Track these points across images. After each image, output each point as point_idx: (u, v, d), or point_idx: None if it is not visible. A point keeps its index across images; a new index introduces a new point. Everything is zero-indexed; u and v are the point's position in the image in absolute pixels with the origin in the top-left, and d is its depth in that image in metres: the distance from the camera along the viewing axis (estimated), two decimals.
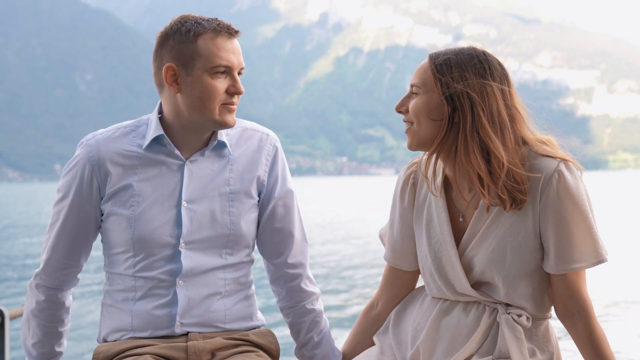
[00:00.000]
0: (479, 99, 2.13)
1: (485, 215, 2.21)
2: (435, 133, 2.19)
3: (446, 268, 2.27)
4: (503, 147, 2.13)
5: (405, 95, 2.27)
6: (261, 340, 2.45)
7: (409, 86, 2.26)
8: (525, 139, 2.19)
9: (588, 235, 2.15)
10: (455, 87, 2.14)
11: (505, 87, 2.17)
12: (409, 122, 2.24)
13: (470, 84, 2.14)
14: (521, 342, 2.17)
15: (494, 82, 2.16)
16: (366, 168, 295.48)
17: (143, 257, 2.36)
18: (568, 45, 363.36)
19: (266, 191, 2.48)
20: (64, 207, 2.40)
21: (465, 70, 2.16)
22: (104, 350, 2.38)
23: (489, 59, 2.19)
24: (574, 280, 2.18)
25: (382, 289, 2.49)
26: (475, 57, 2.18)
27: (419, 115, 2.20)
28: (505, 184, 2.12)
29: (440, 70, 2.18)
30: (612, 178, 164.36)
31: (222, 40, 2.30)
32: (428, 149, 2.24)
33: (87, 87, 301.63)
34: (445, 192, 2.29)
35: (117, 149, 2.38)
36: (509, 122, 2.16)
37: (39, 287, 2.45)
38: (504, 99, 2.16)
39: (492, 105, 2.14)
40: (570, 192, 2.13)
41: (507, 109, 2.16)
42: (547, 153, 2.17)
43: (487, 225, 2.20)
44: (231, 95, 2.32)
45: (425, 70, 2.22)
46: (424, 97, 2.20)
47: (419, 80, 2.22)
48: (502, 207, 2.15)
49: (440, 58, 2.20)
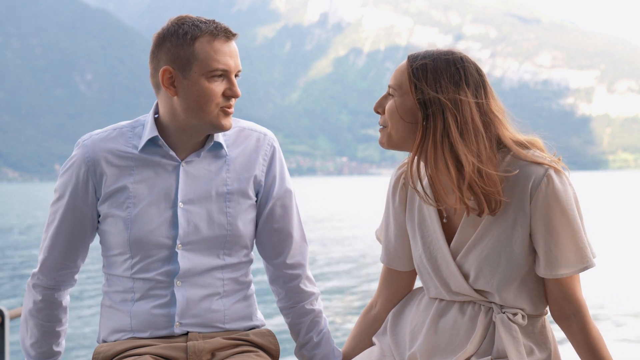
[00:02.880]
0: (452, 106, 2.14)
1: (475, 221, 2.21)
2: (406, 136, 2.21)
3: (441, 267, 2.28)
4: (476, 154, 2.12)
5: (382, 96, 2.28)
6: (261, 340, 2.45)
7: (387, 87, 2.27)
8: (505, 143, 2.18)
9: (574, 242, 2.15)
10: (429, 93, 2.15)
11: (480, 96, 2.17)
12: (383, 124, 2.27)
13: (443, 91, 2.15)
14: (518, 341, 2.18)
15: (469, 90, 2.16)
16: (366, 168, 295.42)
17: (140, 258, 2.36)
18: (568, 45, 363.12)
19: (264, 191, 2.47)
20: (60, 207, 2.40)
21: (440, 77, 2.16)
22: (103, 351, 2.38)
23: (466, 65, 2.19)
24: (568, 283, 2.19)
25: (380, 289, 2.50)
26: (452, 64, 2.18)
27: (393, 117, 2.22)
28: (479, 187, 2.12)
29: (416, 75, 2.18)
30: (612, 178, 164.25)
31: (220, 44, 2.29)
32: (400, 150, 2.27)
33: (87, 87, 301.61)
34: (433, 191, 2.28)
35: (112, 149, 2.38)
36: (484, 129, 2.15)
37: (36, 287, 2.46)
38: (478, 106, 2.16)
39: (465, 113, 2.14)
40: (559, 198, 2.13)
41: (481, 116, 2.16)
42: (534, 159, 2.15)
43: (480, 232, 2.20)
44: (228, 98, 2.32)
45: (402, 73, 2.23)
46: (399, 100, 2.21)
47: (396, 82, 2.24)
48: (477, 213, 2.16)
49: (417, 62, 2.20)
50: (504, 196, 2.14)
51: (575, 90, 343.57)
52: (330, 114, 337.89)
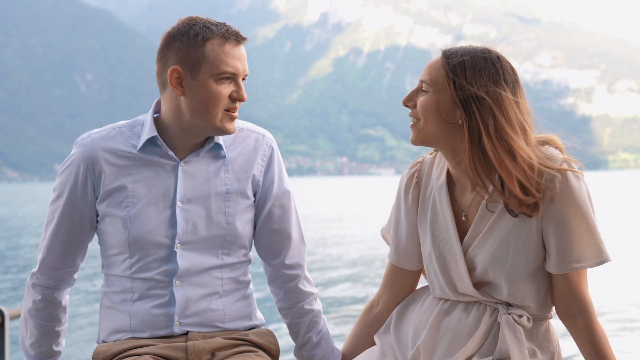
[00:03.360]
0: (495, 103, 2.12)
1: (488, 215, 2.21)
2: (440, 132, 2.18)
3: (450, 267, 2.27)
4: (529, 148, 2.14)
5: (413, 90, 2.23)
6: (261, 340, 2.45)
7: (419, 81, 2.22)
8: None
9: (591, 235, 2.15)
10: (469, 90, 2.12)
11: (517, 95, 2.17)
12: (415, 118, 2.22)
13: (484, 89, 2.12)
14: (521, 342, 2.18)
15: (507, 88, 2.15)
16: (366, 168, 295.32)
17: (139, 258, 2.36)
18: (568, 45, 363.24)
19: (262, 192, 2.47)
20: (59, 206, 2.40)
21: (479, 75, 2.13)
22: (103, 351, 2.38)
23: (503, 64, 2.17)
24: (576, 281, 2.19)
25: (383, 288, 2.49)
26: (490, 62, 2.16)
27: (427, 113, 2.18)
28: (537, 182, 2.12)
29: (454, 72, 2.14)
30: (612, 178, 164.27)
31: (230, 47, 2.30)
32: (431, 147, 2.25)
33: (87, 87, 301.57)
34: (448, 190, 2.29)
35: (111, 148, 2.38)
36: (526, 127, 2.16)
37: (35, 286, 2.46)
38: (517, 105, 2.16)
39: (508, 110, 2.13)
40: (573, 193, 2.13)
41: (521, 114, 2.16)
42: (549, 155, 2.17)
43: (490, 225, 2.20)
44: (234, 101, 2.33)
45: (437, 69, 2.18)
46: (434, 97, 2.17)
47: (430, 78, 2.18)
48: (527, 213, 2.14)
49: (455, 59, 2.16)
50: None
51: (575, 90, 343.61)
52: (330, 114, 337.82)
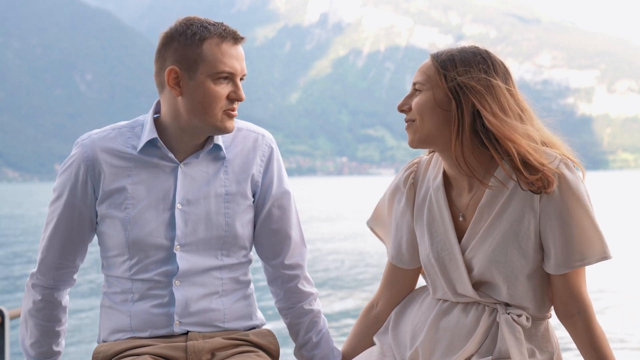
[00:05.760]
0: (486, 91, 2.14)
1: (485, 216, 2.21)
2: (437, 129, 2.19)
3: (449, 268, 2.27)
4: (523, 132, 2.14)
5: (407, 95, 2.26)
6: (261, 341, 2.45)
7: (411, 86, 2.26)
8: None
9: (594, 232, 2.15)
10: (461, 81, 2.14)
11: (509, 85, 2.18)
12: (410, 120, 2.24)
13: (475, 78, 2.15)
14: (520, 342, 2.17)
15: (498, 78, 2.17)
16: (366, 168, 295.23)
17: (138, 259, 2.36)
18: (568, 45, 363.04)
19: (261, 192, 2.47)
20: (59, 207, 2.40)
21: (469, 66, 2.17)
22: (103, 350, 2.38)
23: (492, 57, 2.21)
24: (575, 281, 2.19)
25: (382, 289, 2.49)
26: (479, 55, 2.20)
27: (423, 111, 2.20)
28: (536, 161, 2.12)
29: (444, 66, 2.18)
30: (612, 178, 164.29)
31: (228, 46, 2.29)
32: (429, 147, 2.25)
33: (87, 87, 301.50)
34: (445, 191, 2.29)
35: (111, 149, 2.37)
36: (522, 114, 2.17)
37: (35, 286, 2.46)
38: (510, 93, 2.17)
39: (500, 97, 2.15)
40: (572, 190, 2.13)
41: (514, 101, 2.17)
42: (546, 154, 2.17)
43: (488, 226, 2.20)
44: (232, 101, 2.32)
45: (428, 68, 2.22)
46: (428, 93, 2.19)
47: (422, 78, 2.22)
48: (542, 188, 2.12)
49: (443, 55, 2.21)
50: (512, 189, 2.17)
51: (575, 90, 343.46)
52: (330, 114, 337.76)
